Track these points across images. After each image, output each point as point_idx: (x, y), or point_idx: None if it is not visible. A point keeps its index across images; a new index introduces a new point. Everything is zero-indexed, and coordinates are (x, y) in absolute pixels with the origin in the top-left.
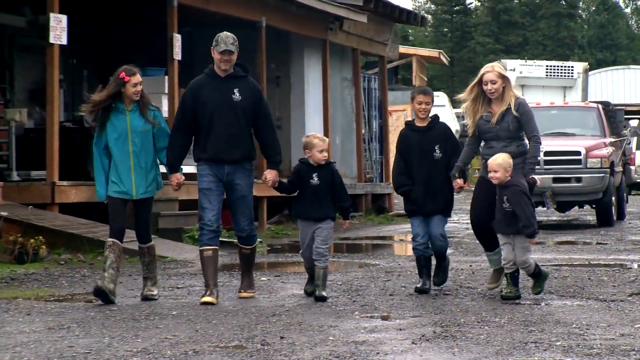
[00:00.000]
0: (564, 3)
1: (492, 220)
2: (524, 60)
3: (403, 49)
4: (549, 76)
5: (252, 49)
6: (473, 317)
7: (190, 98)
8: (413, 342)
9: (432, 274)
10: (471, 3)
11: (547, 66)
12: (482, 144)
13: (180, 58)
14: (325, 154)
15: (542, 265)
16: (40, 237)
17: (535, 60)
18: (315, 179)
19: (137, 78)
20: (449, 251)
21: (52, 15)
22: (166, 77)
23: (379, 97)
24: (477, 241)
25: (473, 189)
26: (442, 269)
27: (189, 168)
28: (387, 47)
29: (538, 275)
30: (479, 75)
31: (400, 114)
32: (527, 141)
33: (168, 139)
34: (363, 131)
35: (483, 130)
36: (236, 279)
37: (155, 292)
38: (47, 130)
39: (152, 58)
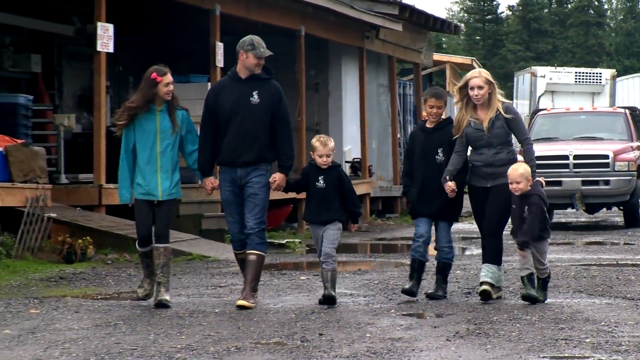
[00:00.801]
0: (592, 12)
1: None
2: (554, 67)
3: (437, 57)
4: (577, 82)
5: (291, 56)
6: (505, 315)
7: (212, 100)
8: (447, 339)
9: (435, 285)
10: (502, 12)
11: (576, 73)
12: (470, 150)
13: (222, 65)
14: (326, 159)
15: (572, 265)
16: (88, 237)
17: (564, 67)
18: (320, 182)
19: (168, 77)
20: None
21: (99, 24)
22: (209, 83)
23: (413, 102)
24: (509, 242)
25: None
26: (443, 281)
27: None
28: (422, 55)
29: (546, 283)
30: (464, 80)
31: None
32: (514, 147)
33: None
34: (398, 135)
35: (473, 138)
36: (277, 278)
37: (168, 298)
38: (95, 135)
39: (195, 65)
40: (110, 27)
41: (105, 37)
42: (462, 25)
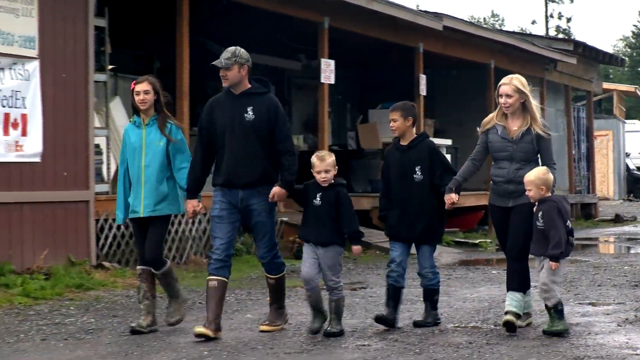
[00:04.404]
0: None
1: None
2: None
3: (605, 85)
4: None
5: (483, 86)
6: None
7: (206, 116)
8: (618, 325)
9: (424, 312)
10: None
11: None
12: (492, 162)
13: (425, 94)
14: (325, 175)
15: None
16: None
17: None
18: (317, 200)
19: (142, 86)
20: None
21: (322, 60)
22: None
23: (585, 124)
24: None
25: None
26: (432, 308)
27: None
28: (593, 84)
29: (559, 313)
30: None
31: (603, 138)
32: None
33: (187, 159)
34: (573, 152)
35: (497, 147)
36: (472, 272)
37: (175, 317)
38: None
39: (399, 94)
40: (332, 62)
41: (327, 71)
42: (627, 58)
